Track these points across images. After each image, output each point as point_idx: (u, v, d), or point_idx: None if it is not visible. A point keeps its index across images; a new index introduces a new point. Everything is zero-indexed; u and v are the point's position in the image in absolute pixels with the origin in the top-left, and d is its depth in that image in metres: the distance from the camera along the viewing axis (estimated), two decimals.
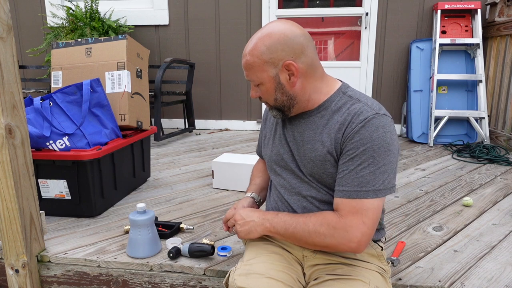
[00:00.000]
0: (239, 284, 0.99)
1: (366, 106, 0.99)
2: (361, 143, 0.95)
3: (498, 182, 2.25)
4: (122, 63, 2.02)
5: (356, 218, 0.94)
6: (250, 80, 1.05)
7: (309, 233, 0.98)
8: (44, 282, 1.45)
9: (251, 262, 1.07)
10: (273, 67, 1.00)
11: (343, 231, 0.95)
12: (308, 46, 1.01)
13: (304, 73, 1.02)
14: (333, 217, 0.97)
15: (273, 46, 0.98)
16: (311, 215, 1.01)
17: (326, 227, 0.96)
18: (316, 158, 1.03)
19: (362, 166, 0.94)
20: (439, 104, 3.26)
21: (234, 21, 3.73)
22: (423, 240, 1.54)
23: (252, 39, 1.02)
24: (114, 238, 1.57)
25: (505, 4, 3.06)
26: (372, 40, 3.53)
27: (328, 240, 0.96)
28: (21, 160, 1.34)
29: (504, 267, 1.34)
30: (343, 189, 0.97)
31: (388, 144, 0.95)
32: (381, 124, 0.96)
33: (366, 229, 0.94)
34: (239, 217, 1.12)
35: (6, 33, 1.26)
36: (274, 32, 0.99)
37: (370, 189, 0.94)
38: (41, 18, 3.97)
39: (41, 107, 1.68)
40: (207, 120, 4.01)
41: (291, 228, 1.01)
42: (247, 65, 1.03)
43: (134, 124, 2.07)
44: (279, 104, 1.06)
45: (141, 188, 2.20)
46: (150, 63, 3.83)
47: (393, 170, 0.97)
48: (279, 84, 1.02)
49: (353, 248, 0.95)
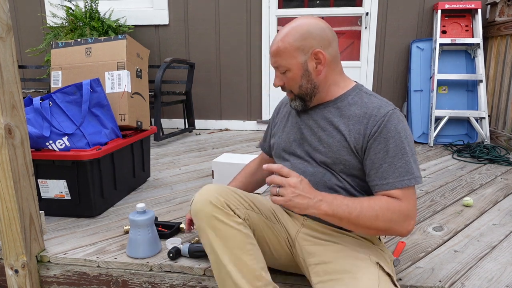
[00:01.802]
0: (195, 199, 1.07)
1: (384, 101, 1.07)
2: (390, 136, 1.02)
3: (498, 182, 2.24)
4: (122, 63, 2.01)
5: (411, 203, 1.01)
6: (278, 66, 1.09)
7: (377, 217, 0.97)
8: (44, 282, 1.45)
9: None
10: (303, 54, 1.06)
11: (405, 214, 0.99)
12: (334, 40, 1.09)
13: (329, 64, 1.09)
14: (396, 202, 1.00)
15: (304, 34, 1.05)
16: (371, 200, 1.01)
17: (393, 211, 0.99)
18: (333, 144, 1.08)
19: (398, 158, 1.01)
20: (440, 104, 3.26)
21: (234, 21, 3.72)
22: (424, 240, 1.54)
23: (284, 29, 1.08)
24: (114, 238, 1.57)
25: (506, 4, 3.05)
26: (372, 40, 3.53)
27: (393, 224, 0.99)
28: (21, 160, 1.33)
29: (504, 267, 1.34)
30: (387, 182, 1.01)
31: (410, 135, 1.04)
32: (400, 118, 1.04)
33: (414, 215, 1.01)
34: (296, 183, 0.94)
35: (6, 33, 1.26)
36: (305, 23, 1.07)
37: (411, 177, 1.01)
38: (40, 18, 3.97)
39: (41, 107, 1.68)
40: (207, 120, 4.01)
41: (355, 212, 0.97)
42: (278, 51, 1.07)
43: (134, 124, 2.06)
44: (303, 92, 1.11)
45: (141, 188, 2.20)
46: (150, 63, 3.82)
47: (417, 159, 1.06)
48: (306, 71, 1.08)
49: (409, 230, 1.01)
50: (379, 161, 1.02)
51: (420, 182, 1.02)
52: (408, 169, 1.00)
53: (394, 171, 1.00)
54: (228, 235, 1.02)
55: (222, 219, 1.03)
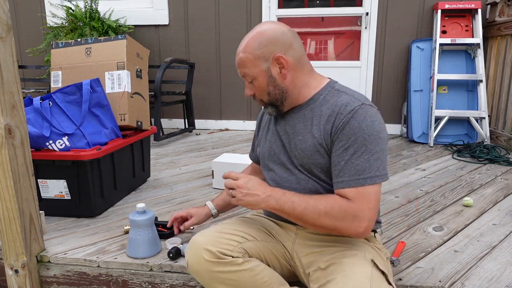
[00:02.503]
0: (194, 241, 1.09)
1: (353, 98, 1.04)
2: (351, 133, 0.99)
3: (498, 182, 2.24)
4: (122, 63, 2.01)
5: (363, 204, 0.97)
6: (244, 76, 1.11)
7: (319, 215, 0.99)
8: (44, 282, 1.45)
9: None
10: (265, 61, 1.07)
11: (353, 215, 0.97)
12: (295, 41, 1.09)
13: (294, 67, 1.08)
14: (344, 201, 0.99)
15: (263, 42, 1.06)
16: (321, 197, 1.02)
17: (338, 210, 0.98)
18: (307, 149, 1.07)
19: (357, 155, 0.98)
20: (440, 104, 3.25)
21: (234, 21, 3.72)
22: (423, 240, 1.54)
23: (244, 39, 1.10)
24: (114, 238, 1.57)
25: (506, 4, 3.05)
26: (372, 40, 3.53)
27: (338, 223, 0.98)
28: (21, 160, 1.33)
29: (504, 267, 1.34)
30: (342, 180, 1.00)
31: (377, 132, 0.99)
32: (368, 114, 1.00)
33: (371, 215, 0.98)
34: (243, 184, 1.04)
35: (6, 33, 1.26)
36: (263, 30, 1.07)
37: (367, 176, 0.98)
38: (40, 18, 3.97)
39: (41, 107, 1.68)
40: (207, 120, 4.01)
41: (300, 209, 1.00)
42: (240, 62, 1.09)
43: (134, 124, 2.06)
44: (272, 98, 1.11)
45: (141, 188, 2.20)
46: (150, 63, 3.82)
47: (385, 158, 1.02)
48: (271, 78, 1.08)
49: (360, 232, 0.98)
50: (338, 159, 1.01)
51: (377, 181, 0.98)
52: (366, 168, 0.97)
53: (351, 169, 0.98)
54: (236, 279, 1.04)
55: (223, 270, 1.03)
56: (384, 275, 0.99)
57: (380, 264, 1.01)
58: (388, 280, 0.98)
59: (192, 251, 1.07)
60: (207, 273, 1.04)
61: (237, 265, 1.04)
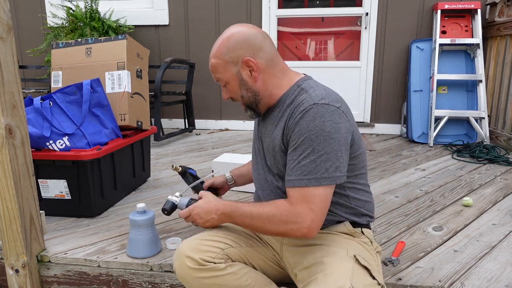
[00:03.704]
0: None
1: (309, 97, 1.02)
2: (300, 134, 0.99)
3: (498, 182, 2.25)
4: (122, 63, 2.02)
5: (304, 206, 0.98)
6: (218, 80, 1.12)
7: (264, 222, 1.03)
8: (44, 282, 1.45)
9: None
10: (234, 65, 1.08)
11: (294, 218, 0.99)
12: (265, 43, 1.09)
13: (264, 69, 1.09)
14: (285, 205, 1.01)
15: (231, 46, 1.07)
16: (264, 205, 1.06)
17: (279, 216, 1.01)
18: (273, 150, 1.09)
19: (303, 156, 0.98)
20: (439, 104, 3.26)
21: (234, 21, 3.72)
22: (423, 240, 1.54)
23: (215, 44, 1.11)
24: (114, 238, 1.57)
25: (505, 4, 3.06)
26: (372, 40, 3.53)
27: (281, 228, 1.01)
28: (21, 160, 1.34)
29: (504, 267, 1.34)
30: (289, 179, 1.01)
31: (328, 132, 0.97)
32: (318, 114, 0.97)
33: (314, 216, 0.98)
34: (197, 217, 1.15)
35: (6, 33, 1.26)
36: (232, 33, 1.08)
37: (312, 177, 0.97)
38: (41, 18, 3.97)
39: (41, 107, 1.68)
40: (207, 120, 4.01)
41: (247, 220, 1.06)
42: (212, 68, 1.11)
43: (134, 124, 2.07)
44: (246, 101, 1.13)
45: (141, 188, 2.20)
46: (150, 63, 3.82)
47: (339, 159, 0.99)
48: (242, 81, 1.09)
49: (305, 233, 0.99)
50: (289, 158, 1.02)
51: (326, 183, 0.97)
52: (312, 169, 0.97)
53: (298, 169, 0.99)
54: (221, 283, 1.07)
55: (206, 275, 1.06)
56: (367, 270, 0.99)
57: (364, 259, 1.01)
58: (372, 275, 0.98)
59: (176, 259, 1.10)
60: (193, 280, 1.07)
61: (219, 270, 1.07)
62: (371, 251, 1.09)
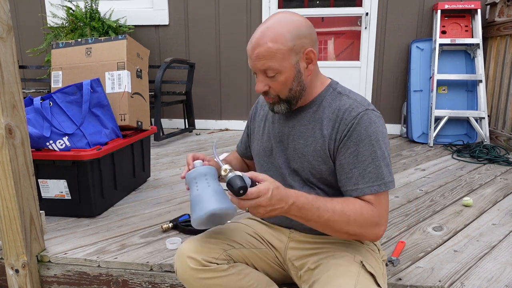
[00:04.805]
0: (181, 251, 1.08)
1: (356, 102, 1.01)
2: (359, 139, 0.97)
3: (498, 182, 2.25)
4: (122, 63, 2.02)
5: (381, 210, 0.98)
6: (267, 69, 0.97)
7: (348, 222, 0.94)
8: (44, 282, 1.45)
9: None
10: (295, 54, 0.97)
11: (376, 221, 0.97)
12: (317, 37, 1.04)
13: (316, 64, 1.04)
14: (368, 207, 0.97)
15: (296, 32, 0.96)
16: (346, 203, 0.96)
17: (365, 217, 0.96)
18: (309, 154, 1.04)
19: (368, 162, 0.97)
20: (439, 104, 3.26)
21: (234, 21, 3.73)
22: (423, 240, 1.54)
23: (268, 27, 0.96)
24: (114, 238, 1.57)
25: (505, 4, 3.06)
26: (372, 40, 3.53)
27: (363, 230, 0.97)
28: (21, 160, 1.34)
29: (504, 267, 1.34)
30: (356, 188, 0.98)
31: (382, 138, 0.99)
32: (372, 120, 0.98)
33: (385, 221, 0.99)
34: (267, 202, 0.88)
35: (6, 33, 1.26)
36: (294, 20, 0.98)
37: (381, 182, 0.97)
38: (41, 18, 3.97)
39: (41, 107, 1.68)
40: (207, 120, 4.01)
41: (327, 215, 0.93)
42: (267, 53, 0.95)
43: (134, 124, 2.07)
44: (292, 95, 1.02)
45: (141, 188, 2.20)
46: (150, 63, 3.82)
47: (390, 163, 1.02)
48: (299, 73, 0.99)
49: (379, 236, 0.99)
50: (349, 166, 0.98)
51: (391, 187, 0.98)
52: (379, 175, 0.96)
53: (364, 176, 0.97)
54: (223, 284, 1.05)
55: (208, 276, 1.04)
56: (372, 276, 0.97)
57: (370, 265, 1.00)
58: (377, 282, 0.97)
59: (178, 260, 1.08)
60: (194, 280, 1.05)
61: (222, 271, 1.05)
62: (378, 259, 1.08)
